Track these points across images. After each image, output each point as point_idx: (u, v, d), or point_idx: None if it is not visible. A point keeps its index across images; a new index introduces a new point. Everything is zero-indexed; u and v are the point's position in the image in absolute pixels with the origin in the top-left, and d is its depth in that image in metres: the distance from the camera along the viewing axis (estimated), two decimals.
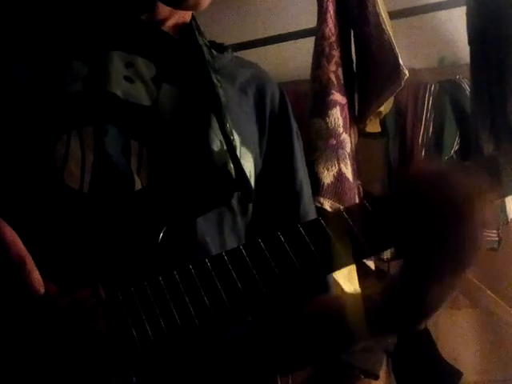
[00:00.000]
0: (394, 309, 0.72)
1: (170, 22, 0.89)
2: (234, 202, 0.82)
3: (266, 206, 0.89)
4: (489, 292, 2.40)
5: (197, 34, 0.91)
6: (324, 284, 0.89)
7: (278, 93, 0.97)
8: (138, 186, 0.74)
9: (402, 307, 0.71)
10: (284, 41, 2.51)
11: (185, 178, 0.74)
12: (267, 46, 2.53)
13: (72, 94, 0.76)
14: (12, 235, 0.60)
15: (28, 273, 0.59)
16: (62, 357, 0.57)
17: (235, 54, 1.00)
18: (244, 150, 0.86)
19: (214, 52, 0.94)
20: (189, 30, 0.91)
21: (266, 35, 2.52)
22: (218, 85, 0.85)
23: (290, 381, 2.16)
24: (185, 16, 0.92)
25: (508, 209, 2.27)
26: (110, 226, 0.68)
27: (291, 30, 2.47)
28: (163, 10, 0.87)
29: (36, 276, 0.60)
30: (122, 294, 0.61)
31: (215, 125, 0.82)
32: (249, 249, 0.64)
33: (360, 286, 1.96)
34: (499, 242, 2.32)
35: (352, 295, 0.88)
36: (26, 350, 0.58)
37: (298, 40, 2.44)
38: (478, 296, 2.40)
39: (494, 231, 2.33)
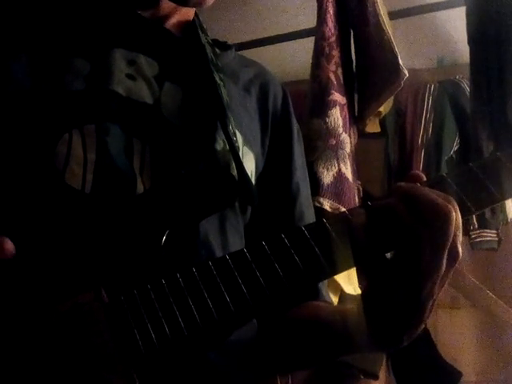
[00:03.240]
0: (374, 322, 0.69)
1: (173, 20, 0.89)
2: (236, 202, 0.82)
3: (263, 205, 0.89)
4: (489, 292, 2.40)
5: (200, 32, 0.90)
6: (315, 290, 0.89)
7: (280, 93, 0.97)
8: (141, 187, 0.73)
9: (380, 320, 0.68)
10: (284, 41, 2.51)
11: (188, 180, 0.74)
12: (267, 46, 2.53)
13: (74, 92, 0.75)
14: None
15: None
16: (65, 360, 0.57)
17: None
18: (246, 149, 0.86)
19: (218, 50, 0.93)
20: (192, 28, 0.91)
21: (265, 35, 2.52)
22: (221, 84, 0.85)
23: (290, 381, 2.16)
24: (188, 14, 0.91)
25: (508, 209, 2.28)
26: (113, 227, 0.68)
27: (291, 30, 2.47)
28: (166, 7, 0.86)
29: None
30: (124, 297, 0.60)
31: (218, 124, 0.81)
32: (253, 251, 0.63)
33: (359, 287, 1.96)
34: (499, 242, 2.33)
35: (340, 307, 0.87)
36: (28, 354, 0.58)
37: (298, 40, 2.44)
38: (478, 296, 2.40)
39: (494, 231, 2.34)
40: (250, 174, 0.83)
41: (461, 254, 0.64)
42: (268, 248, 0.63)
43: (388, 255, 0.66)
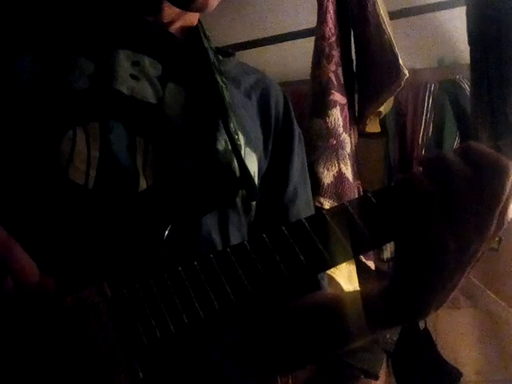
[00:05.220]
0: (394, 298, 0.72)
1: (177, 25, 0.90)
2: (238, 200, 0.83)
3: (262, 208, 0.90)
4: (489, 292, 2.40)
5: (202, 37, 0.91)
6: (316, 283, 0.89)
7: (282, 98, 0.98)
8: (143, 183, 0.74)
9: (402, 295, 0.70)
10: (284, 41, 2.52)
11: (190, 177, 0.74)
12: (267, 46, 2.54)
13: (78, 90, 0.76)
14: None
15: (16, 259, 0.58)
16: (69, 354, 0.57)
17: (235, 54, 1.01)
18: (248, 150, 0.86)
19: (220, 56, 0.94)
20: (195, 33, 0.92)
21: (265, 35, 2.53)
22: (223, 86, 0.85)
23: (290, 381, 2.16)
24: (191, 19, 0.92)
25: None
26: (116, 223, 0.68)
27: (291, 30, 2.48)
28: (170, 12, 0.87)
29: (27, 262, 0.59)
30: (127, 291, 0.61)
31: (220, 124, 0.82)
32: (253, 244, 0.64)
33: (360, 286, 1.96)
34: (499, 241, 2.32)
35: (348, 291, 0.88)
36: (32, 349, 0.58)
37: (298, 40, 2.45)
38: (478, 296, 2.40)
39: None
40: (252, 174, 0.83)
41: (507, 223, 0.65)
42: (268, 240, 0.64)
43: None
